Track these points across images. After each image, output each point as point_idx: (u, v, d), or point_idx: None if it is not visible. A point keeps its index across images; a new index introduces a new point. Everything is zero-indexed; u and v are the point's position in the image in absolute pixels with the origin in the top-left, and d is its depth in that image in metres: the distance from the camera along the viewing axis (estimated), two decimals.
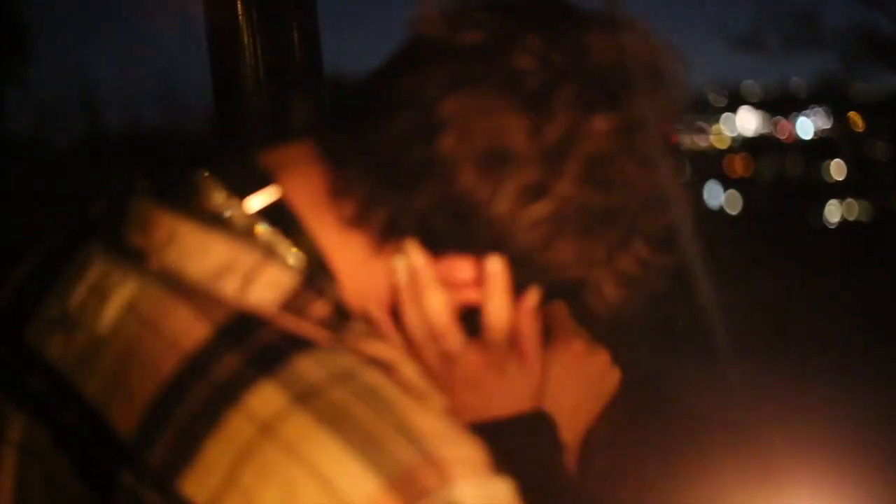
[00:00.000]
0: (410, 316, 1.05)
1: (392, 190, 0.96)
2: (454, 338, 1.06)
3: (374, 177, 0.96)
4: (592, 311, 1.04)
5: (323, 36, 1.52)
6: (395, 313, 1.07)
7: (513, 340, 1.10)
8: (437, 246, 1.00)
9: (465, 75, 0.95)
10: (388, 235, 0.98)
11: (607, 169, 0.95)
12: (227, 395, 0.88)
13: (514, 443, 1.07)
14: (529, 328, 1.10)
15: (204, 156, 1.04)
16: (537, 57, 0.95)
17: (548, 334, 1.15)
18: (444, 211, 0.96)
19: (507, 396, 1.10)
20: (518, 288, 1.03)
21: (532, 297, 1.07)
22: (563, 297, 1.11)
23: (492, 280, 1.02)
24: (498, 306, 1.05)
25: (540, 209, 0.95)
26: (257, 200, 0.98)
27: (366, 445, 0.85)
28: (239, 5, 1.44)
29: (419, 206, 0.96)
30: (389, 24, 1.11)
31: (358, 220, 0.98)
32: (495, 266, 1.00)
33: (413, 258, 1.01)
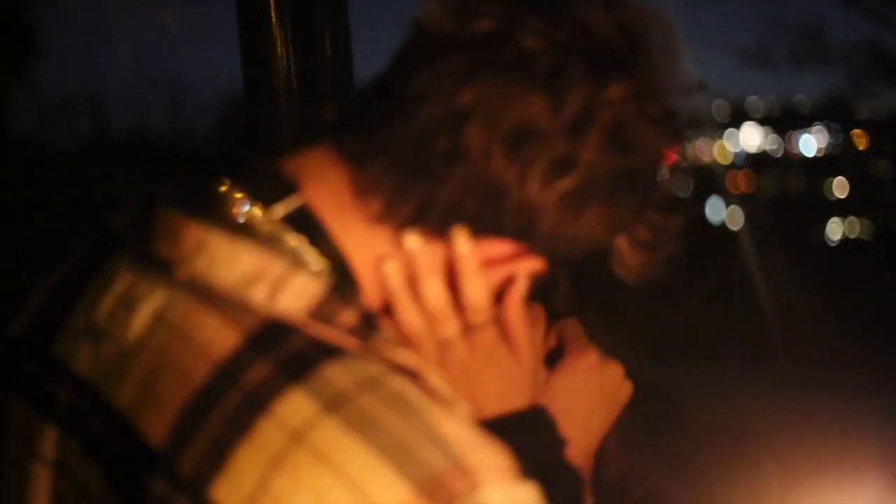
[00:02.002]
0: (407, 304, 1.06)
1: (418, 182, 0.98)
2: (450, 325, 1.08)
3: (399, 171, 0.98)
4: (618, 282, 1.08)
5: (355, 46, 1.53)
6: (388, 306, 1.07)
7: (502, 329, 1.12)
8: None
9: (480, 63, 0.97)
10: (413, 227, 1.01)
11: (625, 134, 0.99)
12: (258, 403, 0.90)
13: (513, 440, 1.10)
14: (517, 317, 1.12)
15: (224, 164, 1.05)
16: (544, 37, 0.98)
17: (562, 347, 1.18)
18: (473, 197, 0.98)
19: (499, 388, 1.12)
20: (548, 263, 1.06)
21: (520, 287, 1.09)
22: (589, 268, 1.14)
23: (464, 260, 1.03)
24: (476, 288, 1.05)
25: (568, 182, 0.98)
26: (281, 208, 1.00)
27: (395, 451, 0.87)
28: (273, 16, 1.45)
29: (447, 195, 0.98)
30: None
31: (384, 216, 1.00)
32: (463, 246, 1.02)
33: (410, 244, 1.02)
